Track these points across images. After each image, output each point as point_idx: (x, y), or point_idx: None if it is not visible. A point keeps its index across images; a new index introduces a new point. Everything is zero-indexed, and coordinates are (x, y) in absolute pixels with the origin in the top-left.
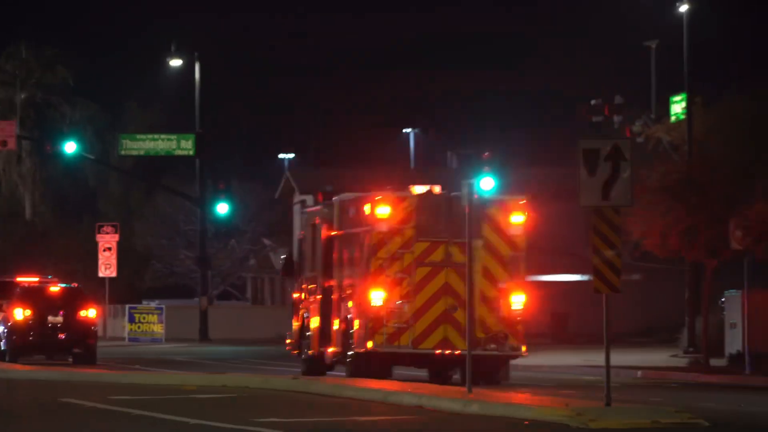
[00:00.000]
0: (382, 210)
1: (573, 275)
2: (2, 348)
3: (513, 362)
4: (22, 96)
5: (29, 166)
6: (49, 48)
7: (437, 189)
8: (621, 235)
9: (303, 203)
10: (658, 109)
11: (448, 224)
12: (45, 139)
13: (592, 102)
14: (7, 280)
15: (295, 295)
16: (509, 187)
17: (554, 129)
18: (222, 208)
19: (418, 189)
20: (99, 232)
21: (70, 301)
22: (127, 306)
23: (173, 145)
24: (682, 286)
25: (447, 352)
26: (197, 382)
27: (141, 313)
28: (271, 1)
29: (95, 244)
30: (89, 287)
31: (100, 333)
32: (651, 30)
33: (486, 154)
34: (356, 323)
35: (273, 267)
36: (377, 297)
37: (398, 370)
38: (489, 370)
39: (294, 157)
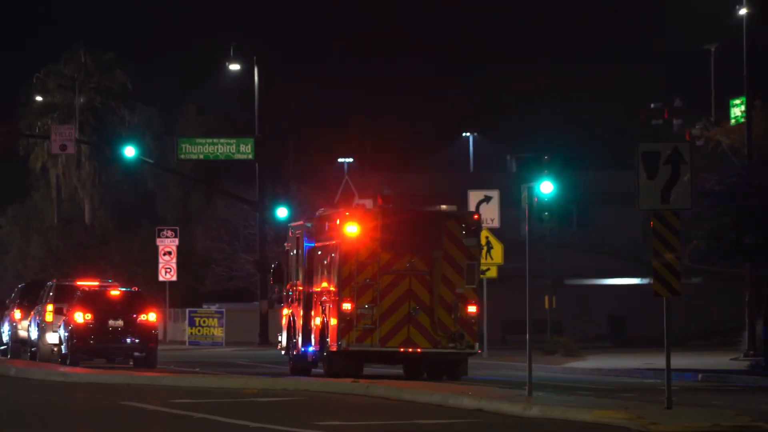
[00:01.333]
0: (350, 225)
1: (632, 278)
2: (63, 351)
3: (572, 365)
4: (81, 100)
5: (88, 170)
6: (108, 52)
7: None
8: (680, 238)
9: (312, 218)
10: (718, 112)
11: (410, 236)
12: (104, 144)
13: (652, 105)
14: (68, 284)
15: (284, 301)
16: (567, 191)
17: (613, 132)
18: (281, 212)
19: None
20: (159, 236)
21: (131, 305)
22: (187, 310)
23: (232, 149)
24: (741, 289)
25: (410, 349)
26: (258, 385)
27: (201, 317)
28: (331, 5)
29: (155, 248)
30: (149, 291)
31: (160, 337)
32: (711, 33)
33: (546, 157)
34: (330, 325)
35: None
36: (346, 302)
37: (369, 368)
38: (450, 367)
39: (353, 161)
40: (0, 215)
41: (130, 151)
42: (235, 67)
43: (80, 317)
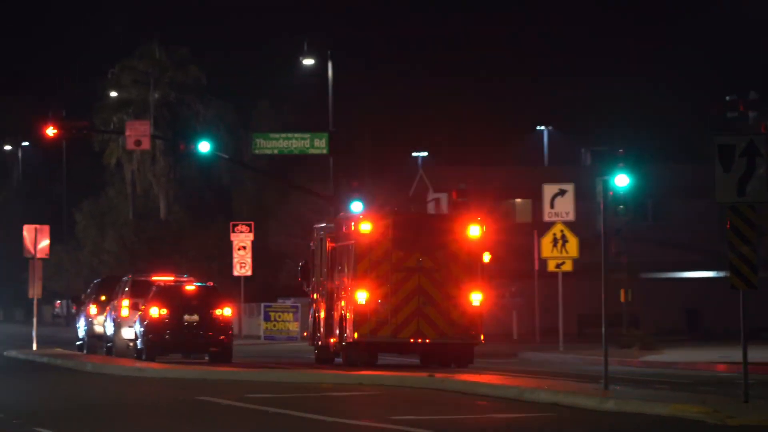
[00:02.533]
0: (364, 227)
1: (707, 271)
2: (139, 347)
3: (648, 358)
4: (156, 95)
5: (163, 165)
6: (182, 47)
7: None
8: (757, 232)
9: (338, 219)
10: None
11: (419, 237)
12: (178, 139)
13: (727, 98)
14: (143, 279)
15: (311, 296)
16: (642, 184)
17: (688, 125)
18: (356, 207)
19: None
20: (233, 231)
21: (206, 300)
22: (262, 304)
23: (307, 143)
24: None
25: (420, 340)
26: (333, 380)
27: (276, 312)
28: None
29: (230, 243)
30: (224, 286)
31: (235, 331)
32: None
33: (620, 150)
34: (348, 318)
35: None
36: (362, 297)
37: (383, 358)
38: (457, 356)
39: (427, 155)
40: (75, 211)
41: (204, 146)
42: (308, 61)
43: (156, 312)
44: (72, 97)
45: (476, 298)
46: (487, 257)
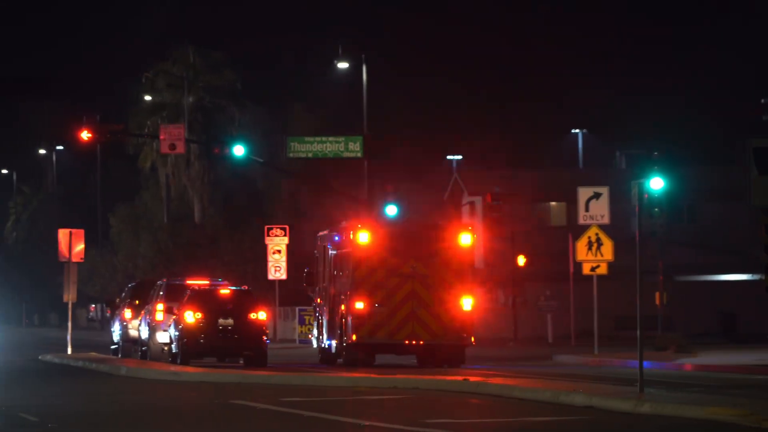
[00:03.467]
0: (362, 236)
1: (742, 274)
2: (174, 351)
3: (683, 361)
4: (190, 99)
5: (198, 169)
6: (217, 51)
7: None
8: None
9: (349, 226)
10: None
11: (413, 245)
12: (213, 143)
13: (762, 101)
14: (178, 283)
15: (315, 301)
16: (677, 187)
17: (722, 128)
18: (391, 210)
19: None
20: (268, 235)
21: (241, 304)
22: (297, 308)
23: (341, 147)
24: None
25: (414, 342)
26: (368, 383)
27: (311, 315)
28: (440, 3)
29: (264, 247)
30: (259, 290)
31: (270, 335)
32: None
33: (655, 153)
34: (347, 321)
35: None
36: (359, 301)
37: (381, 359)
38: (449, 356)
39: (462, 159)
40: (110, 215)
41: (239, 150)
42: (343, 65)
43: (190, 316)
44: (106, 101)
45: (467, 302)
46: (522, 260)
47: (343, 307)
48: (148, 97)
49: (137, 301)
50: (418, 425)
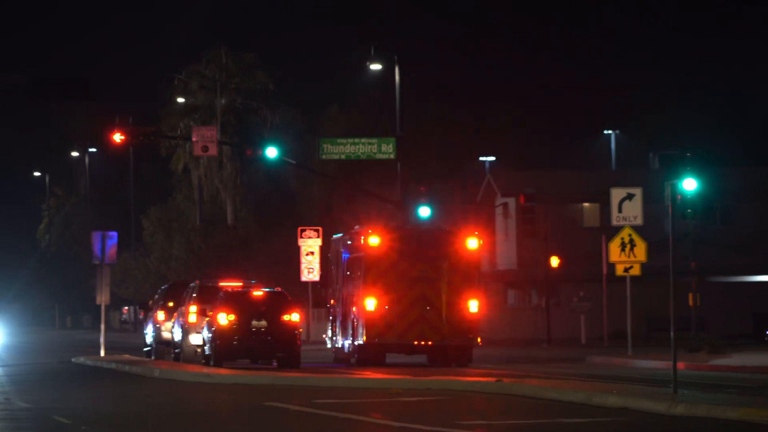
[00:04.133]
0: (373, 240)
1: None
2: (207, 352)
3: (717, 362)
4: (223, 101)
5: (230, 171)
6: (249, 53)
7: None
8: None
9: (351, 232)
10: None
11: (422, 249)
12: (246, 145)
13: None
14: (211, 284)
15: (329, 302)
16: (710, 188)
17: (755, 128)
18: (423, 212)
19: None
20: (301, 237)
21: (274, 306)
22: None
23: (374, 148)
24: None
25: (423, 342)
26: (402, 385)
27: None
28: (471, 3)
29: (297, 249)
30: (292, 291)
31: (303, 337)
32: None
33: (688, 154)
34: (359, 322)
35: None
36: (371, 303)
37: (391, 358)
38: (457, 356)
39: (494, 160)
40: (143, 217)
41: (272, 152)
42: (376, 66)
43: (224, 318)
44: (139, 104)
45: (474, 304)
46: (555, 261)
47: (355, 308)
48: (180, 99)
49: (170, 303)
50: (452, 426)
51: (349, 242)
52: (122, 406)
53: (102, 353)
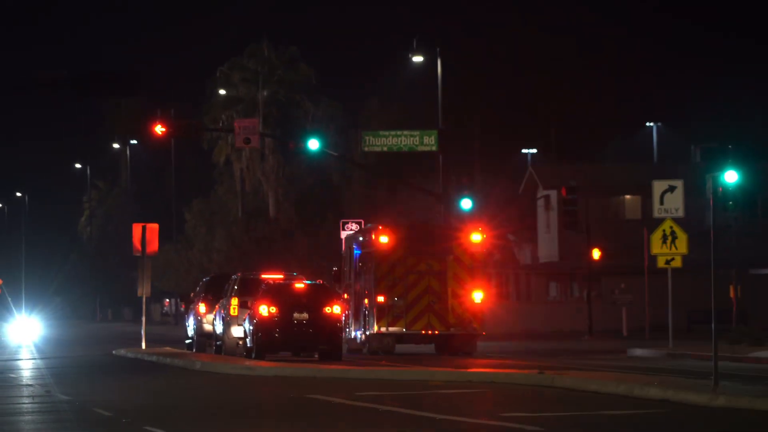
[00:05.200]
0: (383, 238)
1: None
2: (248, 345)
3: (759, 354)
4: (265, 94)
5: (272, 163)
6: (291, 46)
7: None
8: None
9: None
10: None
11: (429, 244)
12: (288, 137)
13: None
14: (252, 277)
15: (342, 296)
16: (752, 180)
17: None
18: (465, 204)
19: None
20: (343, 229)
21: (316, 298)
22: None
23: (416, 141)
24: None
25: (430, 332)
26: (443, 377)
27: None
28: None
29: (339, 241)
30: (333, 284)
31: (344, 329)
32: None
33: (730, 146)
34: (370, 314)
35: (518, 262)
36: (381, 296)
37: (400, 348)
38: (462, 345)
39: (536, 152)
40: (185, 209)
41: (314, 144)
42: (418, 58)
43: (265, 310)
44: (181, 96)
45: (478, 296)
46: (596, 254)
47: (366, 301)
48: (222, 92)
49: (212, 296)
50: (494, 419)
51: (360, 239)
52: (163, 399)
53: (143, 346)
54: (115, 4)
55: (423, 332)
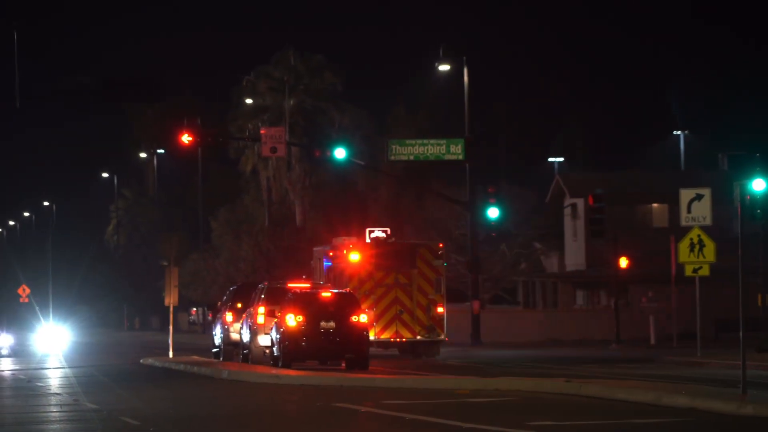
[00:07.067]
0: (353, 255)
1: None
2: (275, 354)
3: None
4: (291, 102)
5: (298, 172)
6: (317, 54)
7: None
8: None
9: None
10: None
11: (395, 260)
12: (314, 145)
13: None
14: (279, 286)
15: None
16: None
17: None
18: (492, 213)
19: (375, 234)
20: (369, 237)
21: (342, 307)
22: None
23: (442, 149)
24: None
25: (398, 339)
26: (470, 385)
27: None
28: (538, 4)
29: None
30: None
31: (371, 338)
32: None
33: (758, 154)
34: None
35: (545, 270)
36: None
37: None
38: (427, 349)
39: (563, 161)
40: (211, 218)
41: (340, 153)
42: (444, 67)
43: (292, 319)
44: (207, 105)
45: (439, 306)
46: (624, 262)
47: None
48: (249, 101)
49: (239, 305)
50: (521, 427)
51: (330, 254)
52: (191, 408)
53: (170, 354)
54: (142, 15)
55: (392, 339)
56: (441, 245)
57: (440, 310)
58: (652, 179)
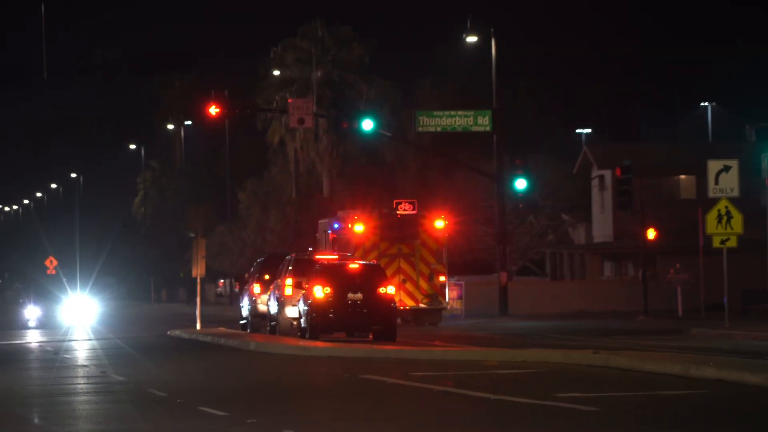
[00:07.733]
0: (358, 226)
1: None
2: (303, 325)
3: None
4: (318, 74)
5: (326, 144)
6: (345, 26)
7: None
8: None
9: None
10: None
11: (398, 231)
12: (341, 117)
13: None
14: (307, 257)
15: None
16: None
17: None
18: (520, 184)
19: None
20: (397, 209)
21: (370, 278)
22: None
23: (470, 121)
24: None
25: (402, 307)
26: (498, 357)
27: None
28: None
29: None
30: None
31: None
32: None
33: None
34: None
35: (572, 242)
36: None
37: None
38: (429, 317)
39: (591, 132)
40: (239, 190)
41: (368, 125)
42: (472, 39)
43: (319, 291)
44: (235, 77)
45: (441, 275)
46: (651, 234)
47: None
48: (276, 72)
49: (266, 276)
50: (548, 399)
51: (335, 226)
52: (218, 379)
53: (198, 326)
54: None
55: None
56: (443, 215)
57: (442, 279)
58: (679, 151)
